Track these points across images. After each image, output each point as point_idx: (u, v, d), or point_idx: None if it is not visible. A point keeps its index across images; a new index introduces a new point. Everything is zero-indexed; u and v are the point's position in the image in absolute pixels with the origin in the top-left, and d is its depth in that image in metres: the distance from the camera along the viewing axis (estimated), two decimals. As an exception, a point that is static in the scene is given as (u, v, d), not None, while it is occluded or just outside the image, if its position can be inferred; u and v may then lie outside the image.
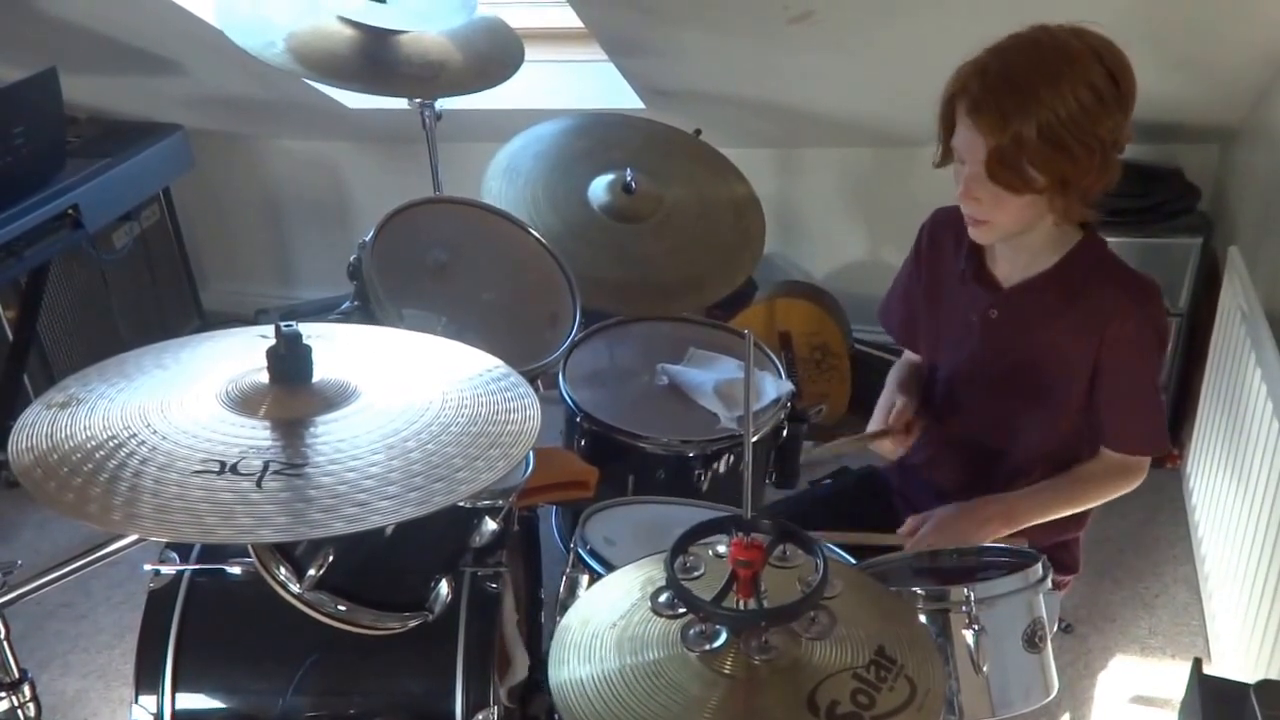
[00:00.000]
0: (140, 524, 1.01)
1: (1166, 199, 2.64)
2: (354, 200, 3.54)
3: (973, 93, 1.44)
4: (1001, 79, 1.42)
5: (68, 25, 2.79)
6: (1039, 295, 1.59)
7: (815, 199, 3.21)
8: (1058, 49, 1.41)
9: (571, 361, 2.04)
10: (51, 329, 2.91)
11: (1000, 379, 1.66)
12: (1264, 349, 2.00)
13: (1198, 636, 2.30)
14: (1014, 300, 1.62)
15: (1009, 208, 1.49)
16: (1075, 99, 1.39)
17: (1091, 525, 1.76)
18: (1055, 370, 1.60)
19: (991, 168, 1.44)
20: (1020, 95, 1.40)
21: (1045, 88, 1.39)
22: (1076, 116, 1.40)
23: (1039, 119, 1.39)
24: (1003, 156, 1.43)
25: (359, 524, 1.03)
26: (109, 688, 2.29)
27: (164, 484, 1.04)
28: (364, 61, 2.28)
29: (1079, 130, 1.40)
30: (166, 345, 1.33)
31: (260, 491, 1.04)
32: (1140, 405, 1.60)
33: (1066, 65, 1.40)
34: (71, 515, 1.02)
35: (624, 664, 1.02)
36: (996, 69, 1.43)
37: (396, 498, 1.06)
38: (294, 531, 1.03)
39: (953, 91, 1.47)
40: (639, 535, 1.59)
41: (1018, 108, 1.40)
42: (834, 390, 2.91)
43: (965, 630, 1.31)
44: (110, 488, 1.04)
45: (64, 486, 1.05)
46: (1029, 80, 1.40)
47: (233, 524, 1.01)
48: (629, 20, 2.51)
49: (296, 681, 1.41)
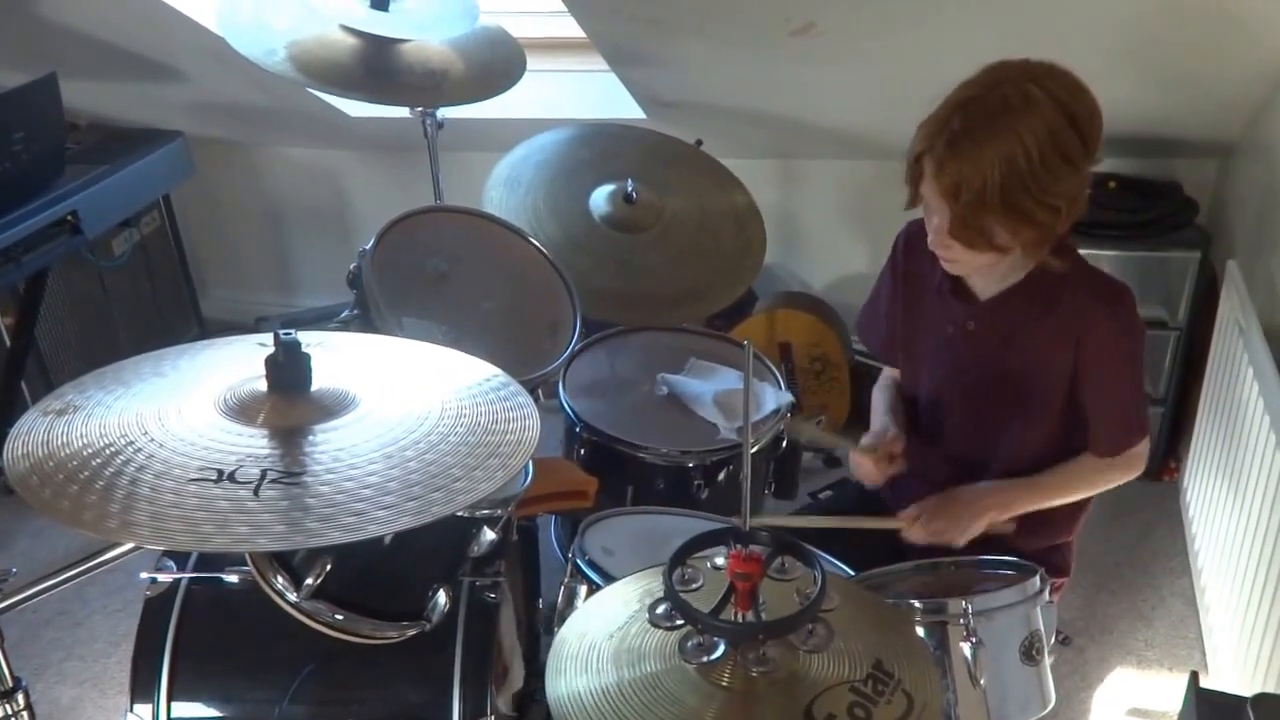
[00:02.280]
0: (136, 532, 1.01)
1: (1165, 213, 2.65)
2: (354, 208, 3.54)
3: (936, 154, 1.44)
4: (965, 141, 1.41)
5: (69, 31, 2.79)
6: (1015, 306, 1.60)
7: (815, 210, 3.21)
8: (1022, 104, 1.40)
9: (571, 371, 2.05)
10: (50, 335, 2.90)
11: (981, 390, 1.67)
12: (1261, 363, 2.00)
13: (1194, 649, 2.30)
14: (991, 312, 1.63)
15: (979, 256, 1.51)
16: (1039, 160, 1.39)
17: (1089, 537, 1.76)
18: (1035, 379, 1.61)
19: (955, 231, 1.46)
20: (978, 164, 1.40)
21: (1003, 157, 1.39)
22: (1040, 179, 1.40)
23: (1000, 187, 1.40)
24: (966, 222, 1.45)
25: (356, 533, 1.02)
26: (104, 695, 2.29)
27: (160, 492, 1.04)
28: (366, 70, 2.29)
29: (1040, 192, 1.41)
30: (164, 353, 1.32)
31: (257, 500, 1.04)
32: (1120, 410, 1.61)
33: (1027, 126, 1.39)
34: (67, 523, 1.01)
35: (622, 676, 1.02)
36: (959, 128, 1.42)
37: (394, 507, 1.06)
38: (290, 540, 1.03)
39: (918, 150, 1.48)
40: (637, 546, 1.59)
41: (976, 175, 1.40)
42: (833, 401, 2.91)
43: (963, 643, 1.31)
44: (106, 495, 1.04)
45: (59, 494, 1.05)
46: (988, 148, 1.40)
47: (229, 532, 1.01)
48: (631, 31, 2.52)
49: (293, 690, 1.40)
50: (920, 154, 1.47)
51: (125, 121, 3.19)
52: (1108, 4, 2.11)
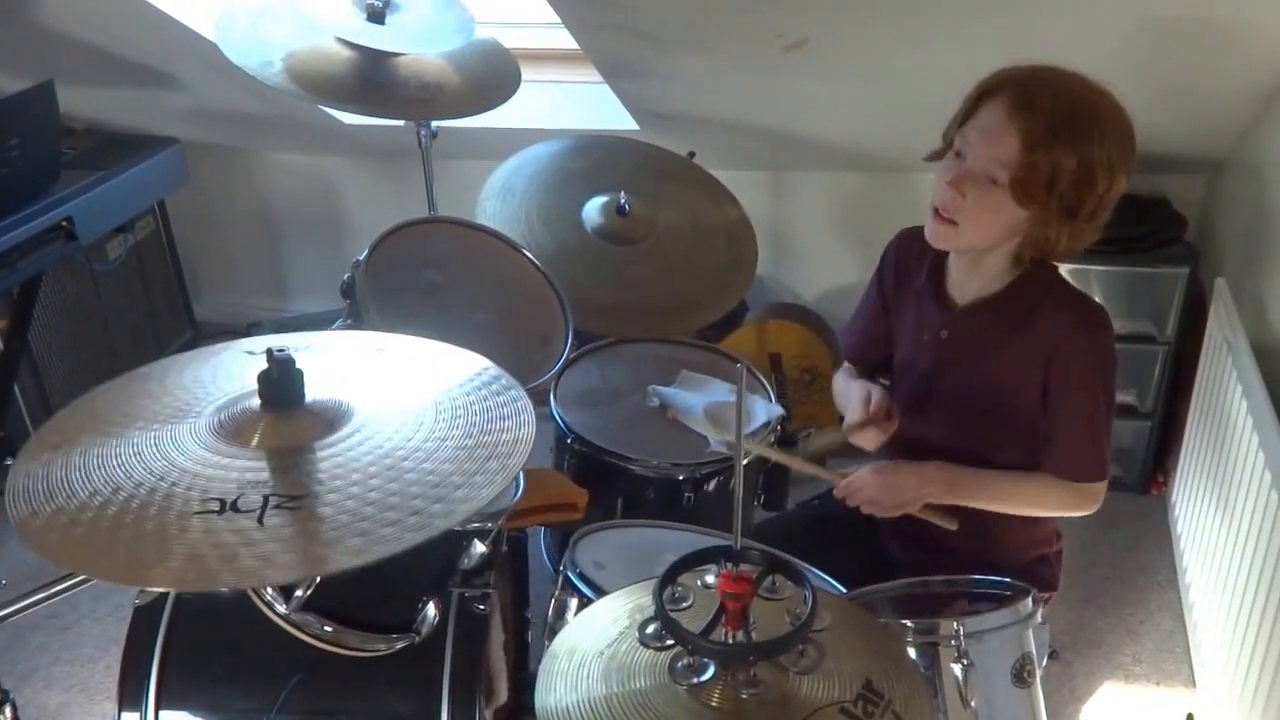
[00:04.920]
0: (151, 576, 0.99)
1: (1153, 229, 2.66)
2: (348, 214, 3.54)
3: (1028, 96, 1.44)
4: (1058, 98, 1.43)
5: (66, 38, 2.79)
6: (987, 319, 1.60)
7: (807, 222, 3.22)
8: (1096, 103, 1.45)
9: (563, 382, 2.05)
10: (43, 340, 2.89)
11: (955, 399, 1.68)
12: (1249, 379, 2.01)
13: (1182, 664, 2.31)
14: (964, 321, 1.63)
15: (986, 216, 1.50)
16: (1104, 150, 1.43)
17: (1076, 551, 1.77)
18: (1004, 393, 1.61)
19: (1022, 181, 1.44)
20: (1074, 125, 1.42)
21: (1093, 128, 1.42)
22: (1103, 165, 1.43)
23: (1080, 153, 1.42)
24: (1034, 168, 1.43)
25: (363, 556, 1.01)
26: (91, 702, 2.28)
27: (166, 528, 1.02)
28: (361, 83, 2.29)
29: (1092, 178, 1.44)
30: (150, 370, 1.31)
31: (262, 530, 1.02)
32: (1081, 434, 1.59)
33: (1102, 118, 1.44)
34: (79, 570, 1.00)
35: (611, 693, 1.02)
36: (1052, 85, 1.44)
37: (397, 524, 1.04)
38: (303, 570, 1.01)
39: (997, 82, 1.47)
40: (628, 559, 1.59)
41: (1069, 133, 1.42)
42: (823, 412, 2.92)
43: (954, 664, 1.31)
44: (114, 538, 1.02)
45: (67, 537, 1.03)
46: (1082, 114, 1.43)
47: (237, 568, 0.99)
48: (625, 43, 2.53)
49: (281, 701, 1.40)
50: (998, 85, 1.47)
51: (121, 127, 3.18)
52: (1099, 23, 2.13)
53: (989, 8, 2.13)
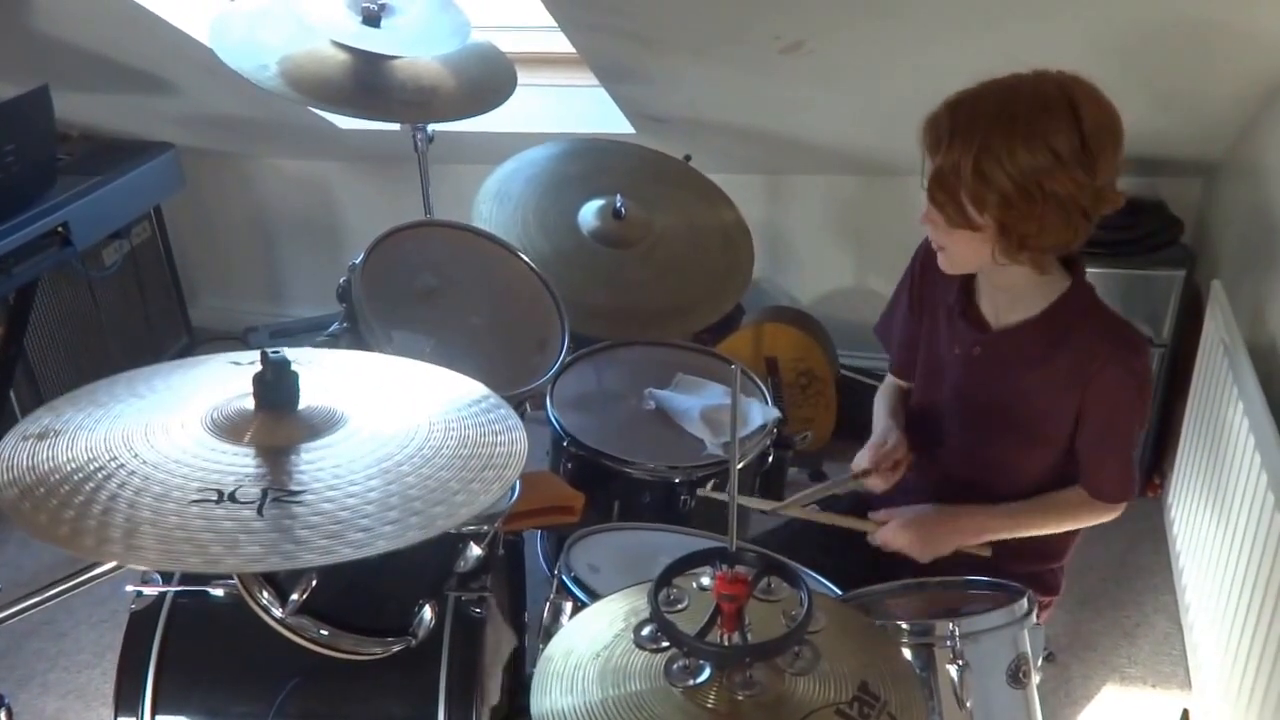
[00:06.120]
0: (143, 555, 1.01)
1: (1150, 231, 2.66)
2: (344, 219, 3.55)
3: (937, 114, 1.46)
4: (964, 112, 1.44)
5: (62, 43, 2.79)
6: (1024, 342, 1.59)
7: (803, 225, 3.23)
8: (1035, 99, 1.41)
9: (559, 385, 2.05)
10: (39, 346, 2.89)
11: (980, 416, 1.67)
12: (1245, 381, 2.02)
13: (1178, 666, 2.31)
14: (1000, 343, 1.62)
15: (955, 239, 1.51)
16: (1027, 152, 1.39)
17: (1073, 553, 1.77)
18: (1035, 415, 1.61)
19: (931, 190, 1.47)
20: (970, 131, 1.41)
21: (998, 134, 1.40)
22: (1024, 168, 1.39)
23: (976, 157, 1.40)
24: (941, 181, 1.45)
25: (364, 549, 1.03)
26: (88, 708, 2.27)
27: (162, 514, 1.04)
28: (357, 86, 2.29)
29: (1023, 180, 1.40)
30: (139, 374, 1.33)
31: (262, 520, 1.04)
32: (1115, 456, 1.61)
33: (1030, 119, 1.40)
34: (67, 549, 1.01)
35: (606, 696, 1.02)
36: (967, 102, 1.44)
37: (399, 522, 1.07)
38: (302, 559, 1.03)
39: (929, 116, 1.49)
40: (623, 562, 1.59)
41: (962, 140, 1.41)
42: (819, 416, 2.92)
43: (949, 665, 1.31)
44: (106, 519, 1.03)
45: (55, 519, 1.04)
46: (987, 123, 1.41)
47: (239, 553, 1.01)
48: (620, 47, 2.53)
49: (277, 705, 1.40)
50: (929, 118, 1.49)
51: (117, 132, 3.18)
52: (1094, 24, 2.13)
53: (984, 12, 2.14)
